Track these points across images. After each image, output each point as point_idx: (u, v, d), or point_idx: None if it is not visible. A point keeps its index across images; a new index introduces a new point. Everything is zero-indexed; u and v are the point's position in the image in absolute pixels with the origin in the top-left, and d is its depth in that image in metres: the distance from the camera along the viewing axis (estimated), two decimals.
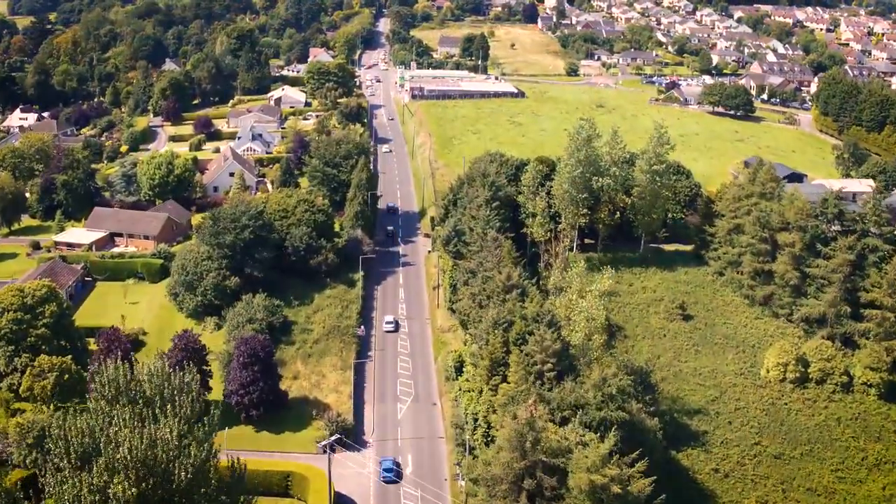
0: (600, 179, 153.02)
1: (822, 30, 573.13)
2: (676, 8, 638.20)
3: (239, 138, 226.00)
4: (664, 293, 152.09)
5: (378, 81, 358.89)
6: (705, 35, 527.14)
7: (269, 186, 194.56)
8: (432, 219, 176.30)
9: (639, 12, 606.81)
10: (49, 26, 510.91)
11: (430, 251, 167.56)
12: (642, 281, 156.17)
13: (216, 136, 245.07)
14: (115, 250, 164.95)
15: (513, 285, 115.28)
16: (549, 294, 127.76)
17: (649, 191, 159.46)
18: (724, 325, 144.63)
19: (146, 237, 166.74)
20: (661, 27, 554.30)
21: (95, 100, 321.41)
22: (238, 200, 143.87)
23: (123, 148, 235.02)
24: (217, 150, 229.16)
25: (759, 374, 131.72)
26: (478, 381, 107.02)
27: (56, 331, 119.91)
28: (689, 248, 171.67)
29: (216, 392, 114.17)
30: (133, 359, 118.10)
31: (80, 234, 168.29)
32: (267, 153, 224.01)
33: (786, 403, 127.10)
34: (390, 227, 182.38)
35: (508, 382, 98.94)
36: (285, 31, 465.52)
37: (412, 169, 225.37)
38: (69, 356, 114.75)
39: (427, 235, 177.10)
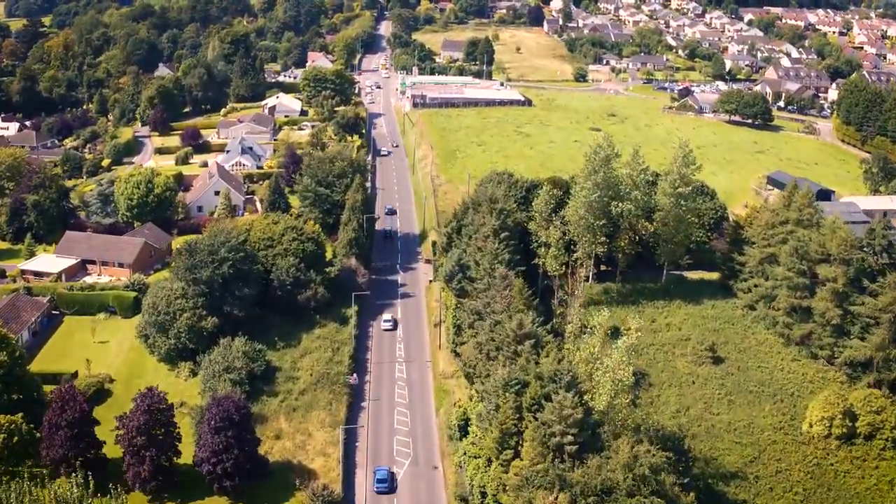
0: (620, 204, 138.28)
1: (834, 33, 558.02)
2: (685, 10, 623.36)
3: (227, 152, 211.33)
4: (691, 331, 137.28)
5: (378, 88, 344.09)
6: (716, 38, 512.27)
7: (258, 205, 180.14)
8: (434, 243, 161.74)
9: (647, 14, 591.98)
10: (42, 29, 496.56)
11: (431, 280, 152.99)
12: (666, 316, 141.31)
13: (204, 148, 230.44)
14: (88, 279, 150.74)
15: (525, 335, 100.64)
16: (565, 337, 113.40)
17: (673, 216, 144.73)
18: (758, 369, 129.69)
19: (120, 265, 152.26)
20: (670, 30, 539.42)
21: (81, 108, 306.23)
22: (217, 229, 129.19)
23: (105, 161, 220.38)
24: (205, 164, 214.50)
25: (800, 429, 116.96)
26: (485, 447, 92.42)
27: (7, 383, 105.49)
28: (715, 276, 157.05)
29: (187, 454, 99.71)
30: (91, 417, 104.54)
31: (48, 262, 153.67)
32: (258, 167, 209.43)
33: (832, 464, 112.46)
34: (387, 227, 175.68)
35: (522, 459, 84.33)
36: (283, 35, 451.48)
37: (413, 185, 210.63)
38: (20, 414, 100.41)
39: (428, 261, 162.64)
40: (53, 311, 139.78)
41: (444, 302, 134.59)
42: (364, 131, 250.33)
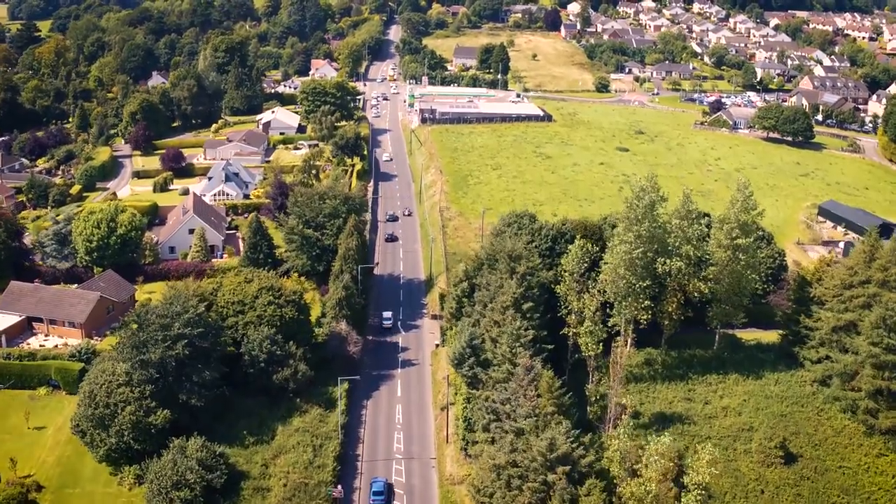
0: (668, 262, 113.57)
1: (864, 38, 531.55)
2: (707, 14, 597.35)
3: (209, 179, 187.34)
4: (753, 417, 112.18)
5: (385, 99, 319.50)
6: (742, 45, 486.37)
7: (241, 245, 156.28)
8: (442, 296, 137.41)
9: (668, 19, 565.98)
10: (36, 34, 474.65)
11: (438, 344, 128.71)
12: (722, 397, 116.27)
13: (187, 172, 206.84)
14: (34, 341, 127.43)
15: (559, 458, 76.27)
16: (601, 430, 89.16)
17: (729, 272, 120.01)
18: (839, 470, 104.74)
19: (71, 324, 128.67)
20: (693, 35, 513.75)
21: (60, 123, 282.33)
22: (173, 294, 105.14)
23: (75, 188, 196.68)
24: (186, 192, 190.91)
25: None
26: None
27: None
28: (773, 336, 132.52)
29: None
30: None
31: None
32: (244, 197, 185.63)
33: None
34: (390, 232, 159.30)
35: None
36: (287, 40, 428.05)
37: (419, 217, 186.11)
38: None
39: (435, 317, 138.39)
40: None
41: (453, 382, 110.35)
42: (366, 152, 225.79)
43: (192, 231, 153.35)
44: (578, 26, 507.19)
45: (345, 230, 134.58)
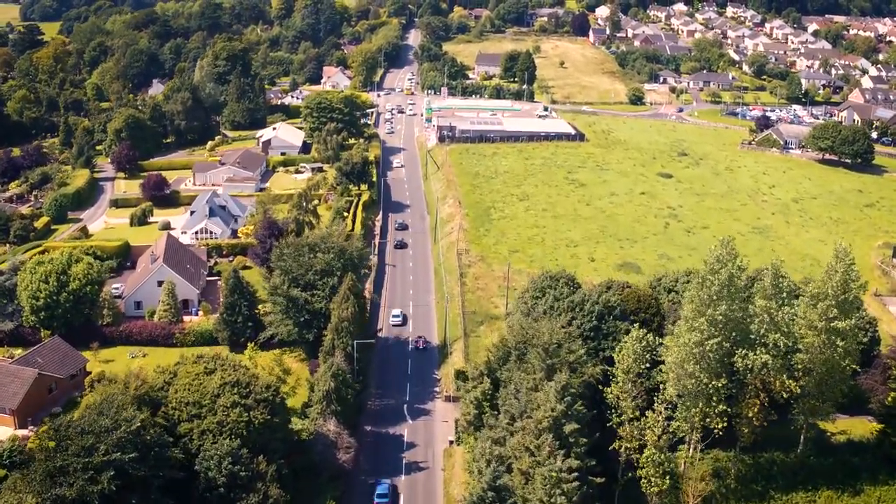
0: (751, 355, 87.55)
1: None
2: (742, 18, 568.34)
3: (192, 213, 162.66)
4: None
5: (400, 112, 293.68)
6: (781, 52, 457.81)
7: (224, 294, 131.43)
8: (458, 373, 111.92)
9: (701, 23, 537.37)
10: (40, 37, 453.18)
11: (452, 441, 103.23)
12: None
13: (171, 200, 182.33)
14: None
15: None
16: None
17: (821, 361, 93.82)
18: None
19: (1, 410, 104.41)
20: (729, 41, 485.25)
21: (44, 138, 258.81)
22: (104, 401, 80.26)
23: (41, 221, 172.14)
24: (167, 227, 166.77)
25: None
26: None
27: None
28: (866, 426, 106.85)
29: None
30: None
31: None
32: (232, 234, 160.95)
33: None
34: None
35: None
36: (300, 45, 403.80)
37: (433, 260, 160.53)
38: None
39: (449, 399, 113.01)
40: None
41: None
42: (376, 177, 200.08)
43: (161, 283, 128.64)
44: (608, 31, 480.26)
45: (339, 292, 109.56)
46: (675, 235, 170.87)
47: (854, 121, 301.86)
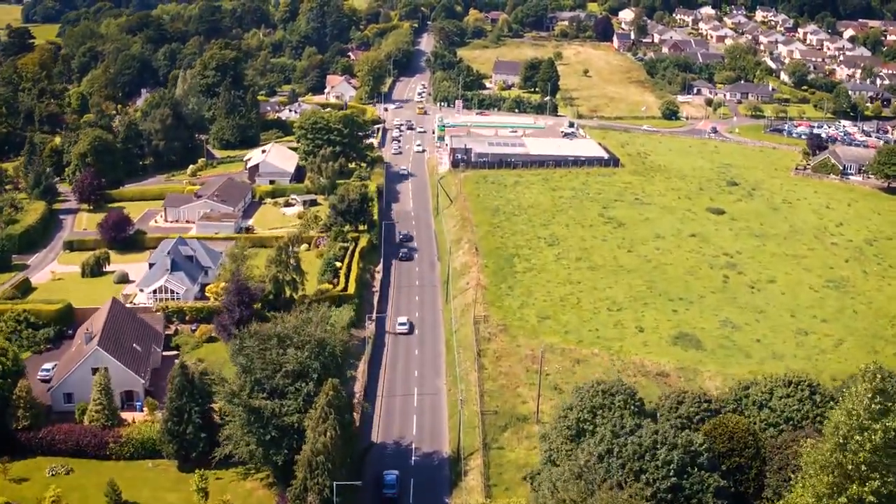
0: None
1: None
2: (773, 23, 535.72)
3: (151, 265, 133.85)
4: None
5: (410, 129, 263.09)
6: (818, 59, 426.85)
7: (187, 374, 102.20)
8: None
9: (731, 28, 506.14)
10: (31, 41, 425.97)
11: None
12: None
13: (135, 243, 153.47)
14: None
15: None
16: None
17: None
18: None
19: None
20: (762, 47, 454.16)
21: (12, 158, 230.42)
22: None
23: None
24: (124, 279, 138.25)
25: None
26: None
27: None
28: None
29: None
30: None
31: None
32: (199, 293, 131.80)
33: None
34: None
35: None
36: (304, 51, 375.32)
37: (444, 328, 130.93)
38: None
39: None
40: None
41: None
42: (377, 213, 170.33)
43: (96, 370, 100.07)
44: (633, 36, 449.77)
45: (316, 406, 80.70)
46: (736, 292, 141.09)
47: None
